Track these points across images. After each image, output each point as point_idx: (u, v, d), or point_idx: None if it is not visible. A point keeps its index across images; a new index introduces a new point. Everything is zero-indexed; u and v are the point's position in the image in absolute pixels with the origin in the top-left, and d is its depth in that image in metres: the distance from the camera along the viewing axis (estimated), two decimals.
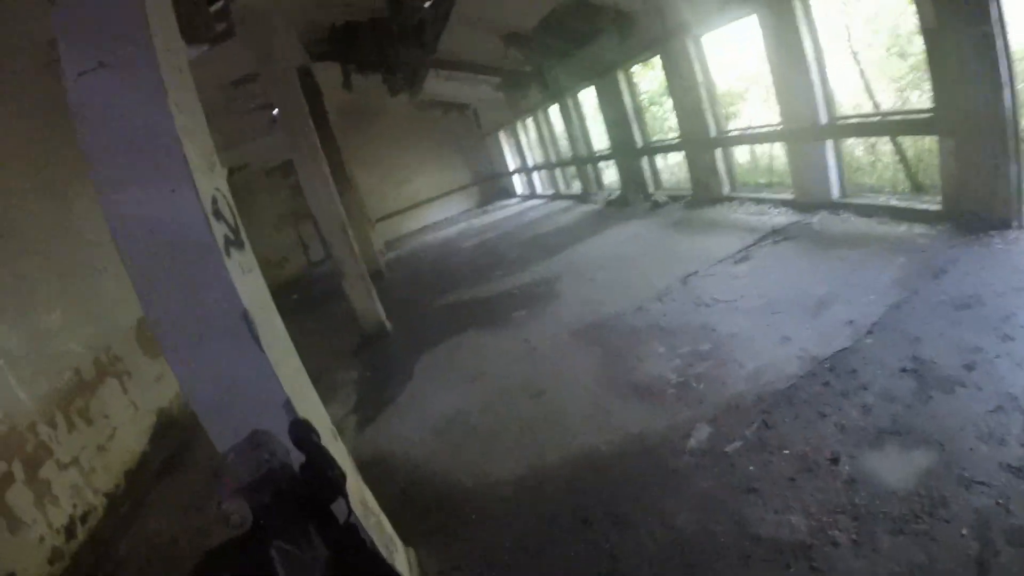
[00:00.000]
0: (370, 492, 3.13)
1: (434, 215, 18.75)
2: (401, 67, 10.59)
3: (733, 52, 9.28)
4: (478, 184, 19.34)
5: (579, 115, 11.62)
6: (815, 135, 6.21)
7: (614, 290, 6.33)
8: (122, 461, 5.49)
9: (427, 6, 8.23)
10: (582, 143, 11.92)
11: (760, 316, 4.54)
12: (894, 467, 2.67)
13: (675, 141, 8.96)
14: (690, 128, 8.17)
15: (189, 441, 6.32)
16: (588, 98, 11.19)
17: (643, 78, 11.35)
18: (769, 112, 6.98)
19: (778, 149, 8.43)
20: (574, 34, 8.78)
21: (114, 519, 4.76)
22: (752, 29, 6.55)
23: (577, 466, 3.56)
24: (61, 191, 6.25)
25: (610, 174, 12.23)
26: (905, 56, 7.50)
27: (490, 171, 19.15)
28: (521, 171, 17.36)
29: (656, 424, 3.66)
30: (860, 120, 6.23)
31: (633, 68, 9.58)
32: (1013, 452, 2.49)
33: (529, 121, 14.73)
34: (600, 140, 11.50)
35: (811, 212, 6.49)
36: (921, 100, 6.80)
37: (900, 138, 6.50)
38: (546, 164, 14.92)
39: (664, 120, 11.27)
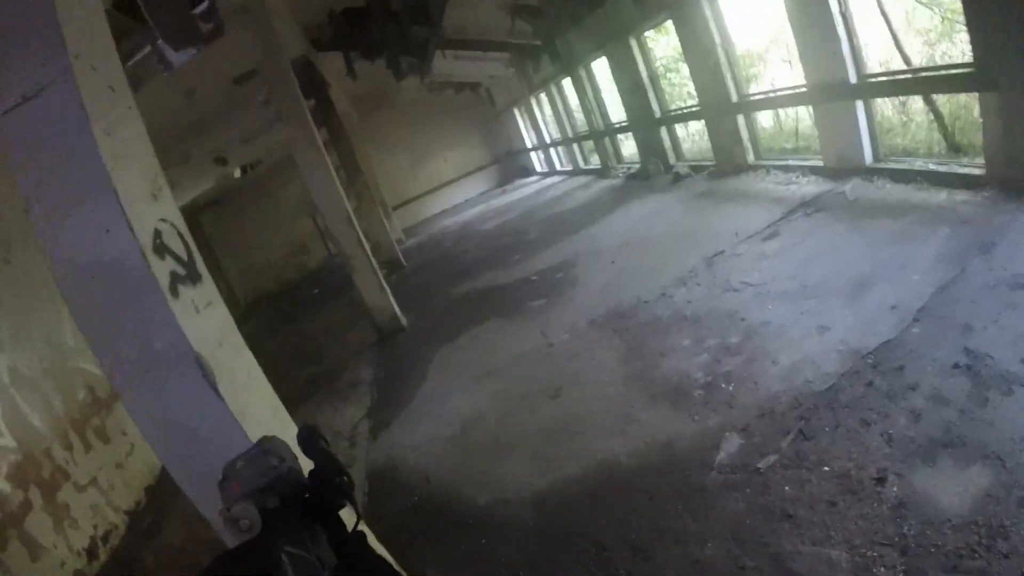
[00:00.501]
0: (368, 530, 2.90)
1: (454, 198, 18.38)
2: (406, 49, 10.17)
3: (751, 10, 8.55)
4: (496, 164, 18.83)
5: (593, 87, 11.02)
6: (844, 95, 5.62)
7: (635, 274, 5.94)
8: (142, 476, 5.42)
9: None
10: (598, 116, 11.34)
11: (793, 301, 4.12)
12: (948, 488, 2.28)
13: (694, 109, 8.36)
14: (709, 94, 7.57)
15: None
16: (602, 69, 10.58)
17: (657, 44, 10.64)
18: (792, 73, 6.38)
19: (803, 112, 7.77)
20: None
21: (136, 536, 4.71)
22: None
23: (597, 481, 3.26)
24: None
25: (629, 147, 11.66)
26: (935, 5, 6.73)
27: (508, 149, 18.61)
28: (539, 148, 16.80)
29: (682, 432, 3.32)
30: (892, 78, 5.59)
31: (646, 33, 8.93)
32: None
33: (543, 96, 14.12)
34: (617, 112, 10.91)
35: (842, 179, 5.94)
36: (953, 53, 6.08)
37: (934, 96, 5.84)
38: (563, 139, 14.35)
39: (683, 87, 10.60)
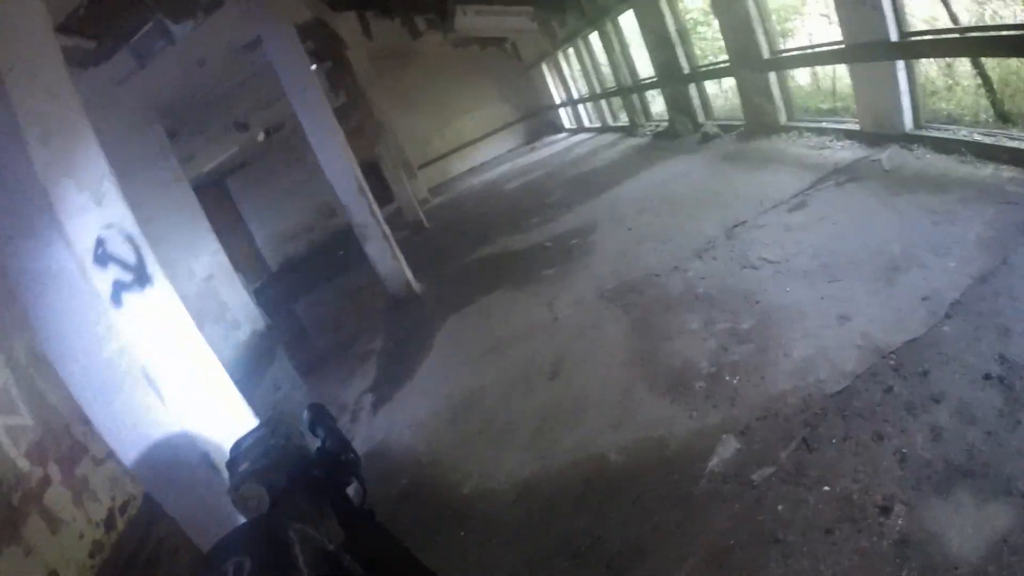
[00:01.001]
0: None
1: (481, 155, 17.84)
2: (425, 5, 9.62)
3: None
4: (524, 120, 18.12)
5: (621, 41, 10.27)
6: (883, 55, 4.99)
7: (651, 243, 5.57)
8: None
9: None
10: (625, 71, 10.62)
11: (815, 283, 3.73)
12: (960, 527, 1.98)
13: (724, 65, 7.67)
14: (739, 50, 6.90)
15: None
16: (629, 22, 9.81)
17: None
18: (830, 29, 5.69)
19: (842, 70, 7.02)
20: None
21: (152, 504, 4.80)
22: None
23: (583, 478, 3.05)
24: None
25: (658, 104, 10.95)
26: None
27: (536, 106, 17.84)
28: (567, 104, 16.03)
29: (677, 429, 3.07)
30: (936, 37, 4.90)
31: None
32: None
33: (571, 51, 13.31)
34: (645, 67, 10.19)
35: (880, 146, 5.35)
36: (1004, 13, 5.28)
37: (983, 59, 5.12)
38: (591, 96, 13.60)
39: (714, 41, 9.75)
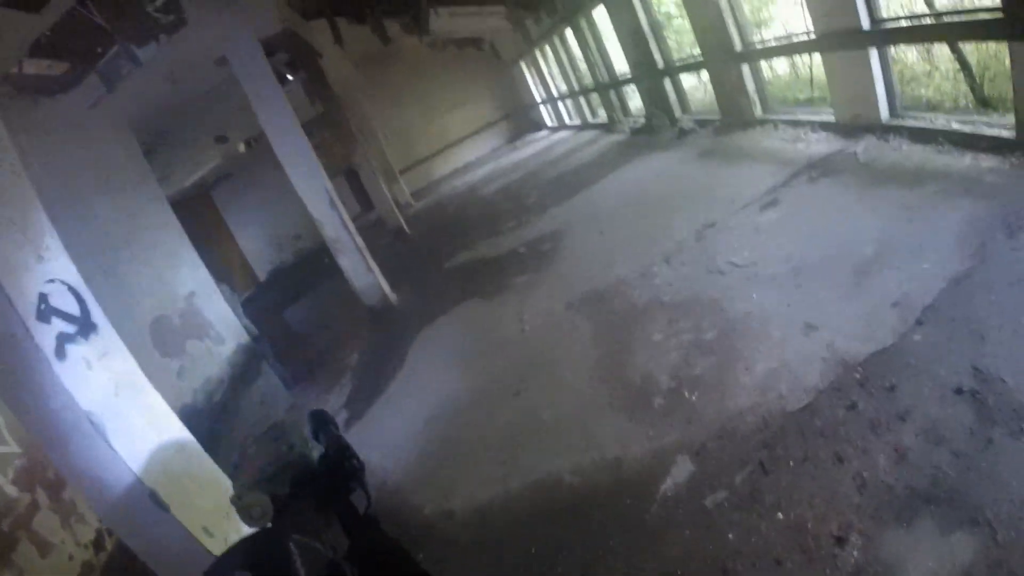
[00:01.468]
0: None
1: (464, 156, 17.58)
2: (398, 9, 9.39)
3: None
4: (507, 119, 17.84)
5: (595, 37, 10.02)
6: (856, 43, 4.76)
7: (621, 247, 5.35)
8: None
9: None
10: (602, 68, 10.37)
11: (783, 289, 3.51)
12: (920, 560, 1.79)
13: (697, 59, 7.43)
14: (711, 43, 6.66)
15: (214, 434, 6.12)
16: (603, 18, 9.55)
17: None
18: (805, 16, 5.48)
19: (820, 58, 6.78)
20: None
21: None
22: None
23: (538, 501, 2.88)
24: (67, 203, 5.95)
25: (636, 100, 10.69)
26: None
27: (517, 104, 17.56)
28: (547, 102, 15.77)
29: (634, 450, 2.87)
30: (910, 23, 4.67)
31: None
32: None
33: (547, 48, 13.04)
34: (621, 63, 9.93)
35: (855, 137, 5.12)
36: None
37: (961, 43, 4.90)
38: (570, 93, 13.34)
39: (689, 35, 9.50)
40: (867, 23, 4.69)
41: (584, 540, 2.50)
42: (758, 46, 6.43)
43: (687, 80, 8.92)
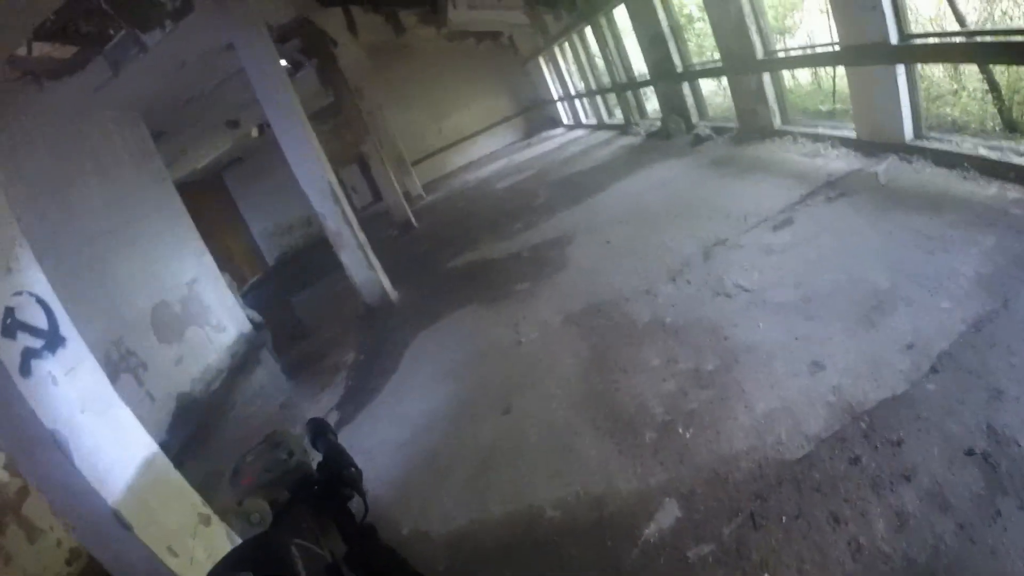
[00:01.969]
0: None
1: (478, 150, 17.38)
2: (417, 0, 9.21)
3: None
4: (522, 115, 17.59)
5: (615, 36, 9.77)
6: (882, 58, 4.52)
7: (626, 259, 5.18)
8: None
9: None
10: (620, 68, 10.12)
11: (791, 320, 3.33)
12: None
13: (716, 65, 7.18)
14: (732, 49, 6.42)
15: (209, 423, 6.07)
16: (624, 17, 9.31)
17: None
18: (831, 27, 5.24)
19: (844, 70, 6.52)
20: None
21: None
22: None
23: (516, 531, 2.76)
24: (68, 186, 5.91)
25: (654, 101, 10.44)
26: None
27: (533, 100, 17.30)
28: (564, 99, 15.50)
29: (620, 486, 2.72)
30: (941, 41, 4.42)
31: None
32: None
33: (566, 45, 12.77)
34: (640, 64, 9.68)
35: (877, 156, 4.90)
36: (1015, 13, 4.75)
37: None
38: (587, 92, 13.08)
39: (710, 38, 9.22)
40: (895, 38, 4.45)
41: None
42: (780, 55, 6.18)
43: (707, 85, 8.67)
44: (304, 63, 10.28)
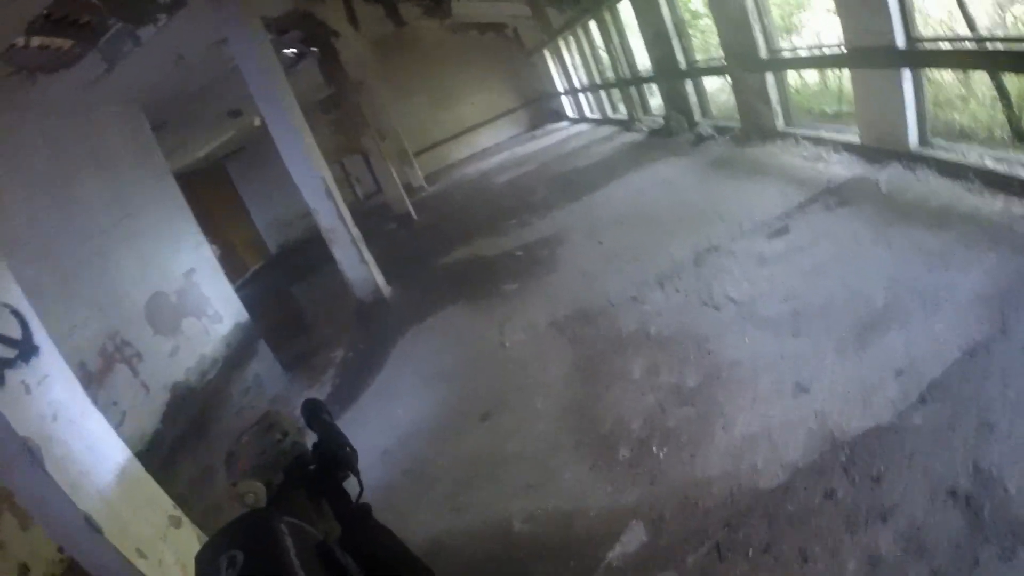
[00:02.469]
0: None
1: (482, 141, 17.18)
2: None
3: None
4: (526, 107, 17.36)
5: (619, 31, 9.55)
6: (888, 62, 4.33)
7: (617, 262, 5.05)
8: (132, 444, 5.20)
9: None
10: (624, 63, 9.90)
11: (779, 335, 3.19)
12: None
13: (719, 63, 6.97)
14: (735, 47, 6.21)
15: (206, 412, 6.06)
16: (628, 12, 9.08)
17: None
18: (838, 26, 5.04)
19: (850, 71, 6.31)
20: None
21: None
22: None
23: (485, 545, 2.69)
24: (65, 180, 5.84)
25: (658, 97, 10.21)
26: None
27: (538, 93, 17.06)
28: (569, 93, 15.26)
29: (590, 503, 2.63)
30: (950, 47, 4.22)
31: None
32: None
33: (571, 39, 12.53)
34: (644, 59, 9.46)
35: (880, 163, 4.72)
36: None
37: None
38: (591, 86, 12.85)
39: (715, 36, 8.98)
40: (902, 41, 4.25)
41: None
42: (785, 54, 5.97)
43: (712, 82, 8.45)
44: (306, 53, 10.15)
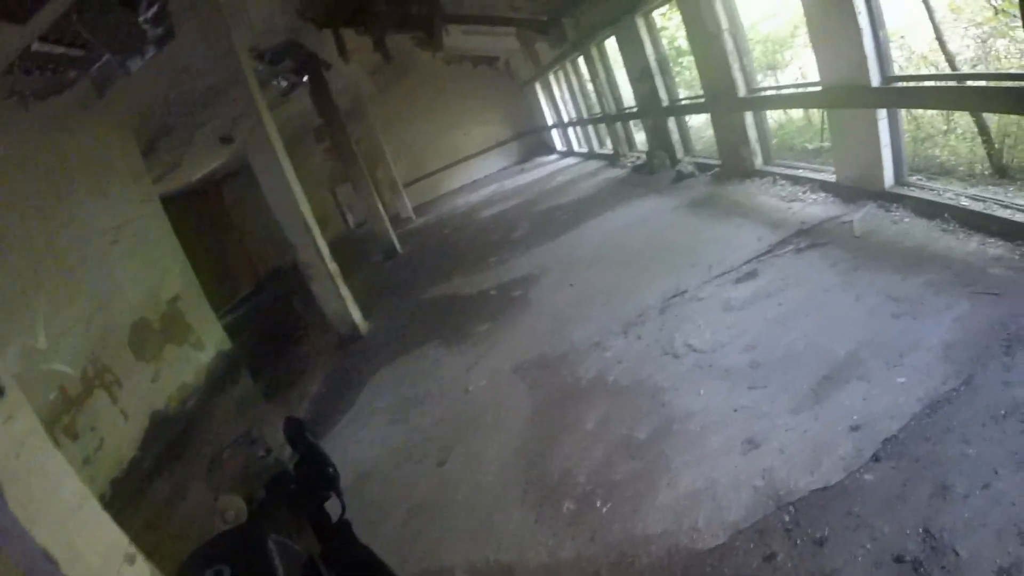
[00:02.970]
0: None
1: (472, 173, 17.36)
2: (410, 25, 9.22)
3: None
4: (517, 139, 17.61)
5: (605, 68, 9.71)
6: (863, 102, 4.34)
7: (584, 305, 5.00)
8: (108, 470, 5.19)
9: None
10: (610, 99, 10.05)
11: (735, 387, 3.09)
12: None
13: (699, 101, 7.05)
14: (714, 85, 6.28)
15: (184, 440, 5.98)
16: (614, 49, 9.27)
17: (671, 22, 9.16)
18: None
19: None
20: None
21: None
22: None
23: None
24: (55, 202, 5.87)
25: (643, 133, 10.34)
26: None
27: (529, 126, 17.32)
28: (558, 126, 15.49)
29: (529, 557, 2.54)
30: (926, 84, 4.24)
31: (655, 12, 7.58)
32: None
33: (560, 73, 12.77)
34: (630, 96, 9.61)
35: (855, 203, 4.71)
36: (1011, 51, 4.56)
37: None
38: (579, 120, 13.03)
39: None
40: (877, 79, 4.26)
41: None
42: (765, 92, 6.03)
43: (698, 118, 8.54)
44: (298, 83, 10.32)
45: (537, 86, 15.30)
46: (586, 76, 10.92)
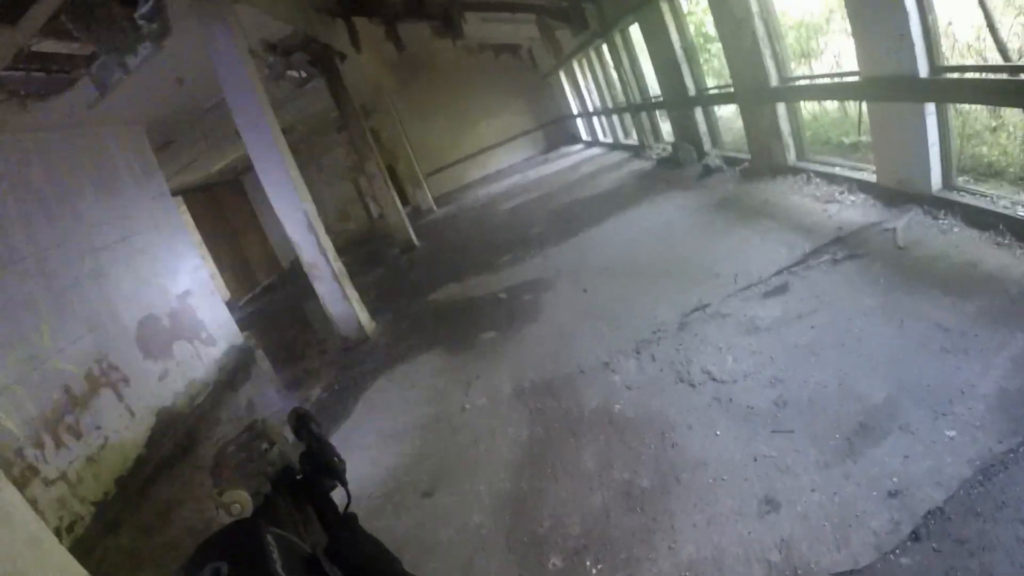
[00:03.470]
0: None
1: (496, 163, 17.02)
2: (427, 13, 8.88)
3: None
4: (541, 128, 17.11)
5: (630, 56, 9.17)
6: (909, 94, 3.83)
7: (596, 317, 4.64)
8: (113, 468, 5.20)
9: None
10: (635, 88, 9.51)
11: (756, 431, 2.70)
12: None
13: (729, 90, 6.51)
14: (744, 75, 5.76)
15: (192, 437, 5.93)
16: (639, 36, 8.72)
17: (698, 7, 8.51)
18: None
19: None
20: None
21: (99, 525, 4.58)
22: None
23: None
24: (62, 201, 5.85)
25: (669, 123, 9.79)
26: None
27: (554, 115, 16.81)
28: (582, 116, 14.93)
29: None
30: (979, 76, 3.69)
31: None
32: None
33: (584, 61, 12.21)
34: (655, 85, 9.06)
35: (898, 206, 4.22)
36: None
37: None
38: (604, 110, 12.47)
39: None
40: (925, 70, 3.75)
41: None
42: (799, 82, 5.48)
43: (726, 108, 7.97)
44: (314, 75, 10.09)
45: (561, 74, 14.75)
46: (610, 64, 10.39)
